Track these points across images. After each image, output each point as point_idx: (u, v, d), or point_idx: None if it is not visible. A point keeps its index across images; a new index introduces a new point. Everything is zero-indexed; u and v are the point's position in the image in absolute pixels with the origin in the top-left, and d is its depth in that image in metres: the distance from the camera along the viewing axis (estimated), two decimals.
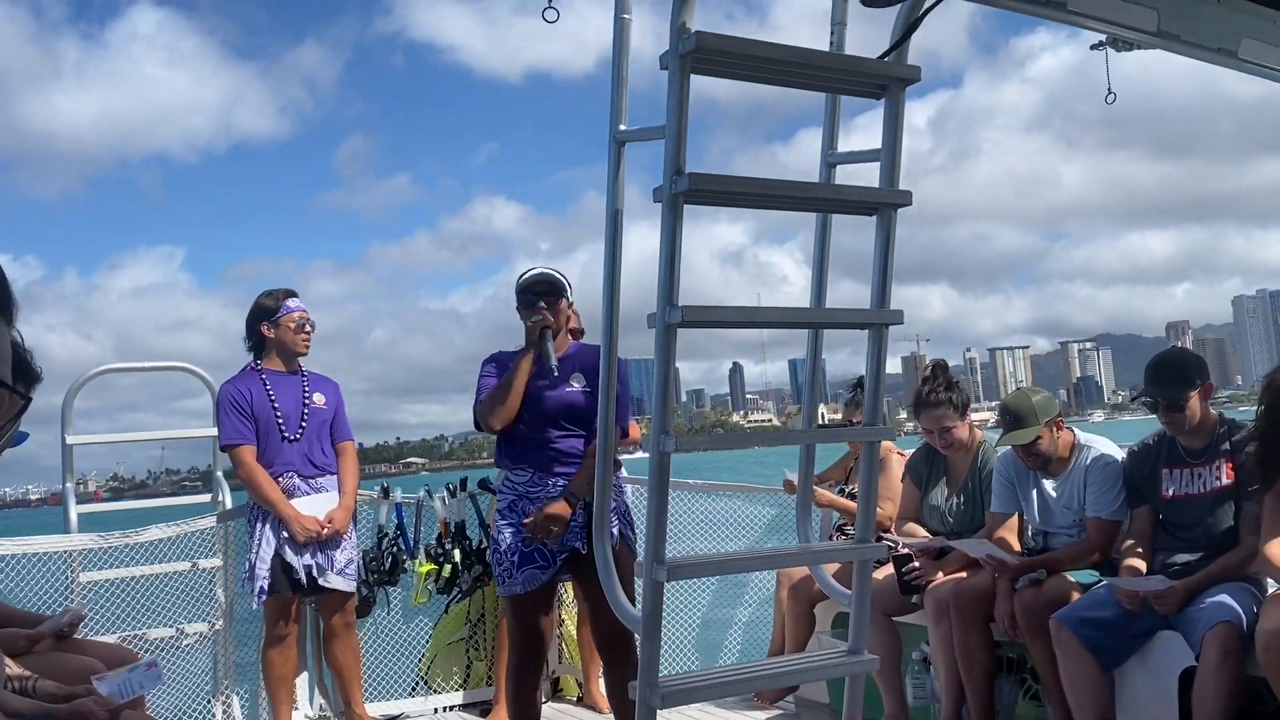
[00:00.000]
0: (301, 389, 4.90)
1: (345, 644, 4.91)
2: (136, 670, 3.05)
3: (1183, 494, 3.95)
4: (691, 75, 2.50)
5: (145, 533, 4.89)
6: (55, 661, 3.30)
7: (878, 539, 3.54)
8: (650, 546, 2.59)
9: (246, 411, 4.75)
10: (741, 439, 3.11)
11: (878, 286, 2.77)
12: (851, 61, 2.80)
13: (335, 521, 4.74)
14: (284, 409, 4.81)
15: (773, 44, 2.56)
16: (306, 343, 4.92)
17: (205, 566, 5.13)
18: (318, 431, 4.88)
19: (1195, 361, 4.04)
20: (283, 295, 4.91)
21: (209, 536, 5.13)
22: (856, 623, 2.89)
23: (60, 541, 4.80)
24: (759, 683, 3.33)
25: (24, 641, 3.39)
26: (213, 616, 5.15)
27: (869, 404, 2.95)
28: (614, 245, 2.84)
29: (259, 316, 4.90)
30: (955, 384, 4.66)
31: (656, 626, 2.59)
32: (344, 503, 4.84)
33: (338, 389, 5.06)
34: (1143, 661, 3.82)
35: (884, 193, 2.76)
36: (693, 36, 2.43)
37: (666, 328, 2.51)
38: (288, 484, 4.77)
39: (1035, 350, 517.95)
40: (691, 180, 2.47)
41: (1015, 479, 4.38)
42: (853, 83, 2.82)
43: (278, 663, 4.75)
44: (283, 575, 4.67)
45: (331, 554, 4.76)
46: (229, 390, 4.81)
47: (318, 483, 4.85)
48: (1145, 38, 2.80)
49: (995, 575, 4.16)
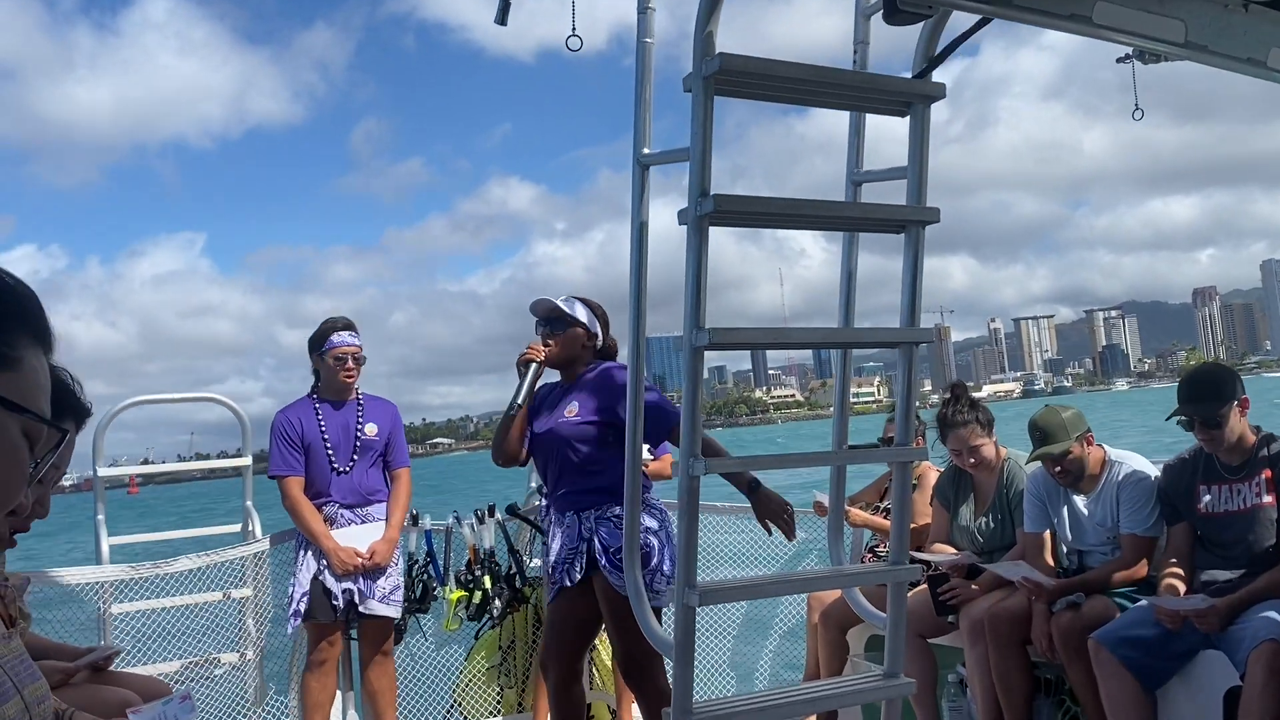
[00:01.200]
0: (355, 418, 4.91)
1: (381, 671, 4.91)
2: (171, 703, 3.05)
3: (1222, 510, 3.89)
4: (715, 97, 2.50)
5: (175, 563, 4.92)
6: (91, 694, 3.31)
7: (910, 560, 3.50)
8: (681, 571, 2.57)
9: (296, 442, 4.80)
10: (772, 461, 3.09)
11: (907, 305, 2.75)
12: (874, 80, 2.80)
13: (377, 555, 4.76)
14: (334, 439, 4.84)
15: (797, 64, 2.56)
16: (349, 378, 4.89)
17: (236, 596, 5.14)
18: (368, 461, 4.90)
19: (1229, 376, 3.98)
20: (339, 326, 4.90)
21: (239, 567, 5.15)
22: (892, 646, 2.85)
23: (93, 573, 4.83)
24: (794, 709, 3.29)
25: (59, 675, 3.40)
26: (243, 646, 5.16)
27: (900, 424, 2.93)
28: (639, 269, 2.84)
29: (311, 346, 4.95)
30: (977, 403, 4.65)
31: (689, 652, 2.56)
32: (388, 534, 4.85)
33: (395, 414, 5.07)
34: (1185, 682, 3.75)
35: (912, 210, 2.75)
36: (717, 58, 2.43)
37: (694, 350, 2.50)
38: (331, 513, 4.81)
39: (1060, 319, 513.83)
40: (716, 202, 2.46)
41: (1046, 497, 4.33)
42: (877, 101, 2.81)
43: (315, 689, 4.77)
44: (323, 599, 4.71)
45: (374, 582, 4.78)
46: (280, 420, 4.87)
47: (364, 512, 4.88)
48: (1173, 49, 2.77)
49: (1032, 598, 4.10)
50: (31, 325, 1.09)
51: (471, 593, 5.26)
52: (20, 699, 1.30)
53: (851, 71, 2.92)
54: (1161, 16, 2.68)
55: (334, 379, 4.88)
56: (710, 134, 2.50)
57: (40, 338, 1.10)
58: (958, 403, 4.60)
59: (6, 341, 1.05)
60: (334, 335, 4.87)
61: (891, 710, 2.94)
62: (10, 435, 1.04)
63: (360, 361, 4.93)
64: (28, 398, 1.05)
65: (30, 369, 1.06)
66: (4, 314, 1.06)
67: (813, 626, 5.17)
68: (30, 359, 1.07)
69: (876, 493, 5.32)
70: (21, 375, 1.05)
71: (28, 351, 1.07)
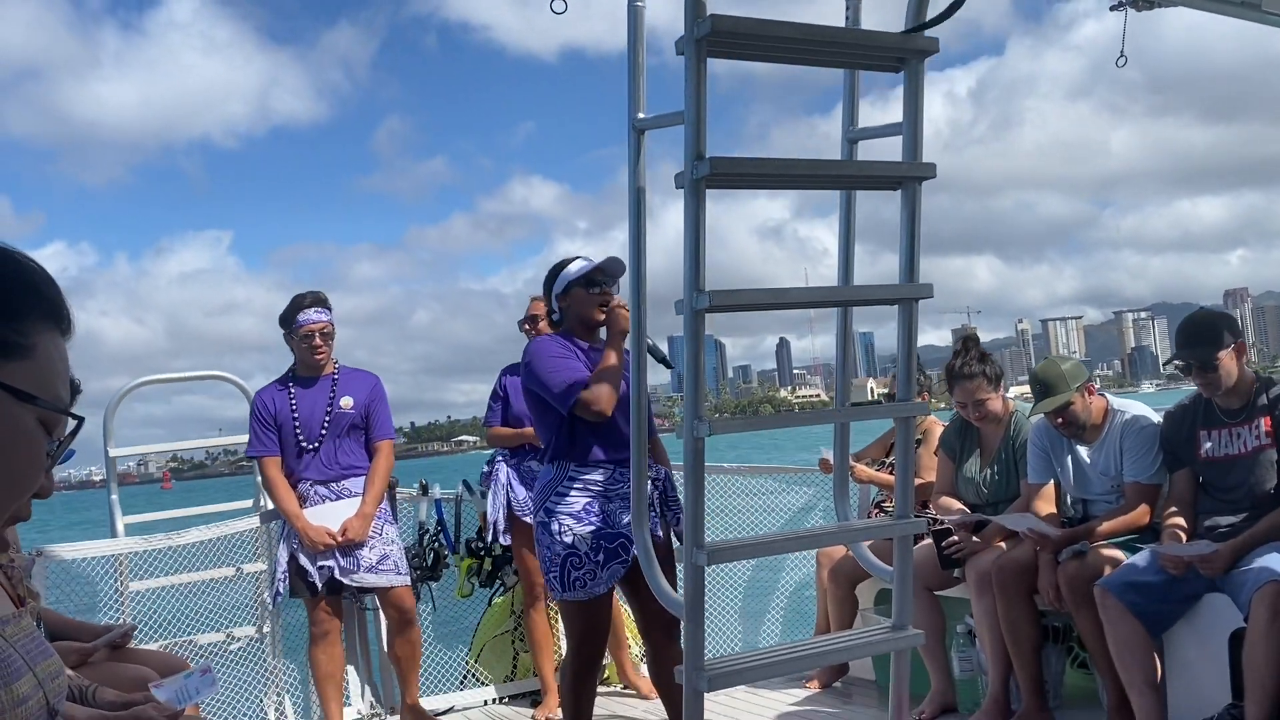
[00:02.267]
0: (328, 394, 4.83)
1: (405, 638, 4.91)
2: (192, 676, 3.10)
3: (1222, 455, 3.91)
4: (709, 59, 2.50)
5: (187, 535, 4.99)
6: (111, 671, 3.37)
7: (916, 514, 3.53)
8: (689, 531, 2.61)
9: (269, 423, 4.79)
10: (775, 420, 3.11)
11: (905, 261, 2.76)
12: (868, 36, 2.79)
13: (350, 530, 4.69)
14: (304, 418, 4.78)
15: (788, 23, 2.56)
16: (319, 355, 4.81)
17: (250, 571, 5.21)
18: (341, 436, 4.83)
19: (1225, 320, 3.99)
20: (306, 303, 4.81)
21: (252, 541, 5.21)
22: (899, 598, 2.89)
23: (107, 546, 4.90)
24: (804, 662, 3.34)
25: (77, 654, 3.46)
26: (259, 620, 5.23)
27: (901, 379, 2.95)
28: (638, 233, 2.85)
29: (281, 324, 4.88)
30: (987, 356, 4.65)
31: (699, 611, 2.60)
32: (362, 510, 4.74)
33: (375, 385, 4.95)
34: (1190, 625, 3.80)
35: (907, 166, 2.75)
36: (707, 20, 2.43)
37: (694, 313, 2.52)
38: (304, 490, 4.78)
39: (1088, 320, 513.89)
40: (712, 165, 2.47)
41: (1050, 448, 4.35)
42: (870, 58, 2.81)
43: (323, 661, 4.81)
44: (298, 579, 4.73)
45: (357, 555, 4.73)
46: (256, 401, 4.87)
47: (339, 487, 4.80)
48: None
49: (1037, 548, 4.14)
50: (47, 308, 1.07)
51: (483, 560, 5.32)
52: (33, 675, 1.33)
53: (844, 29, 2.91)
54: None
55: (305, 357, 4.81)
56: (704, 96, 2.50)
57: (55, 319, 1.08)
58: (967, 354, 4.62)
59: (18, 329, 1.03)
60: (300, 314, 4.78)
61: (901, 661, 2.98)
62: (26, 425, 1.03)
63: (329, 336, 4.82)
64: (43, 385, 1.04)
65: (45, 355, 1.05)
66: (15, 298, 1.05)
67: (822, 582, 5.22)
68: (45, 344, 1.06)
69: (882, 449, 5.36)
70: (36, 363, 1.04)
71: (42, 337, 1.06)
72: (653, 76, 2.86)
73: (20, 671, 1.30)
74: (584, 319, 3.83)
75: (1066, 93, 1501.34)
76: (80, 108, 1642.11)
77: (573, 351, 3.78)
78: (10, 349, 1.02)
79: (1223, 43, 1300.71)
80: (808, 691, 5.09)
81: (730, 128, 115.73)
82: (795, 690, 5.11)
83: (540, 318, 4.97)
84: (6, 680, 1.27)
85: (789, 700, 4.99)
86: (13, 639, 1.35)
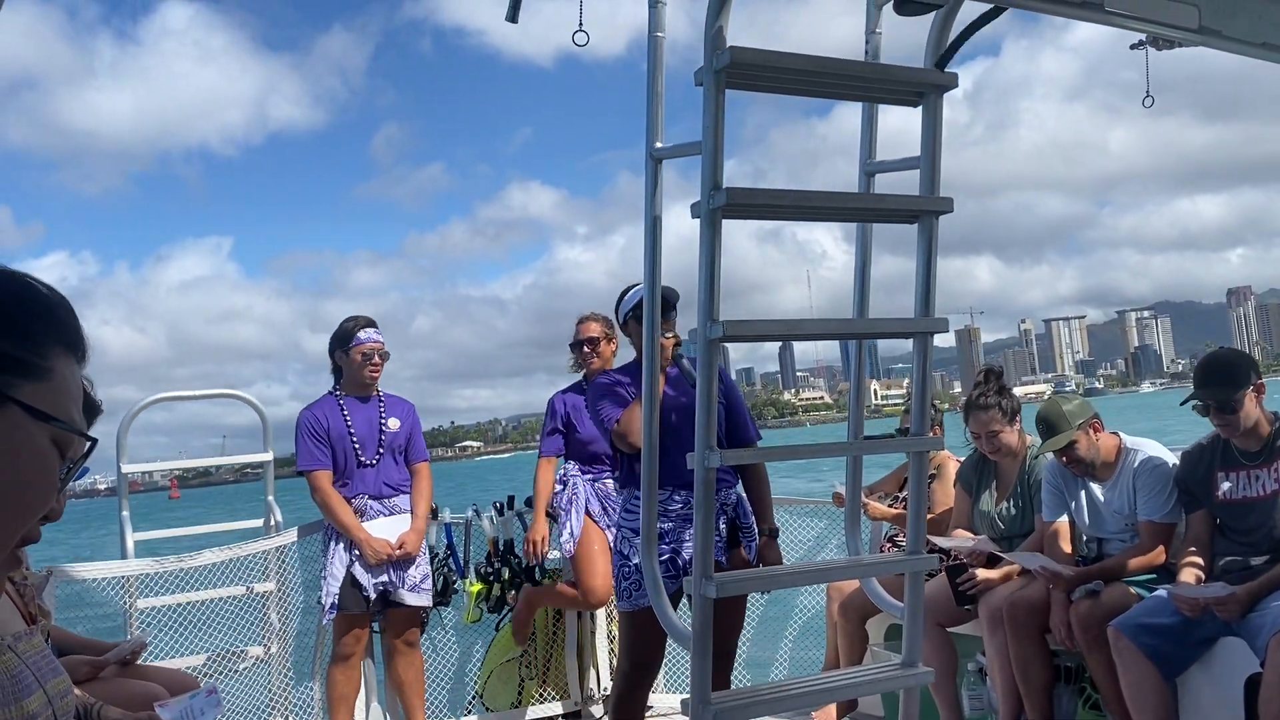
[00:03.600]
0: (378, 413, 5.01)
1: (408, 662, 4.97)
2: (198, 696, 3.09)
3: (1240, 497, 3.87)
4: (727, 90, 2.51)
5: (200, 557, 4.98)
6: (118, 688, 3.37)
7: (928, 550, 3.50)
8: (698, 561, 2.59)
9: (323, 438, 4.89)
10: (784, 451, 3.10)
11: (921, 294, 2.76)
12: (886, 70, 2.80)
13: (407, 544, 4.85)
14: (360, 434, 4.94)
15: (806, 56, 2.57)
16: (374, 374, 4.99)
17: (259, 590, 5.20)
18: (393, 455, 5.00)
19: (1245, 361, 3.97)
20: (361, 324, 5.00)
21: (263, 560, 5.20)
22: (910, 635, 2.86)
23: (118, 567, 4.90)
24: (813, 698, 3.31)
25: (87, 669, 3.46)
26: (267, 640, 5.22)
27: (916, 413, 2.93)
28: (654, 262, 2.85)
29: (335, 343, 5.03)
30: (1006, 390, 4.64)
31: (707, 643, 2.58)
32: (415, 525, 4.94)
33: (413, 410, 5.16)
34: (1205, 669, 3.74)
35: (925, 200, 2.75)
36: (727, 52, 2.44)
37: (709, 342, 2.51)
38: (360, 505, 4.89)
39: (1090, 320, 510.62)
40: (729, 195, 2.47)
41: (1063, 486, 4.33)
42: (889, 92, 2.81)
43: (340, 681, 4.83)
44: (353, 591, 4.79)
45: (404, 572, 4.87)
46: (307, 417, 4.95)
47: (391, 503, 4.96)
48: (1186, 35, 2.76)
49: (1050, 586, 4.10)
50: (64, 335, 1.10)
51: (491, 585, 5.30)
52: (43, 693, 1.33)
53: (863, 62, 2.92)
54: (1174, 2, 2.67)
55: (359, 375, 4.96)
56: (722, 127, 2.51)
57: (72, 347, 1.11)
58: (986, 385, 4.62)
59: (38, 352, 1.06)
60: (360, 332, 4.97)
61: (910, 699, 2.95)
62: (39, 443, 1.05)
63: (385, 358, 5.03)
64: (58, 406, 1.07)
65: (61, 378, 1.08)
66: (37, 325, 1.08)
67: (832, 617, 5.18)
68: (61, 368, 1.09)
69: (895, 483, 5.33)
70: (52, 385, 1.07)
71: (59, 361, 1.09)
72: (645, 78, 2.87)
73: (31, 689, 1.31)
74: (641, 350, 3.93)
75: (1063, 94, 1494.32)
76: (77, 117, 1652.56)
77: (625, 384, 3.94)
78: (30, 370, 1.05)
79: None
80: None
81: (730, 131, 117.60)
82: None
83: (600, 339, 5.10)
84: (17, 696, 1.28)
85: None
86: (24, 655, 1.36)
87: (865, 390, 3.25)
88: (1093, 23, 2.64)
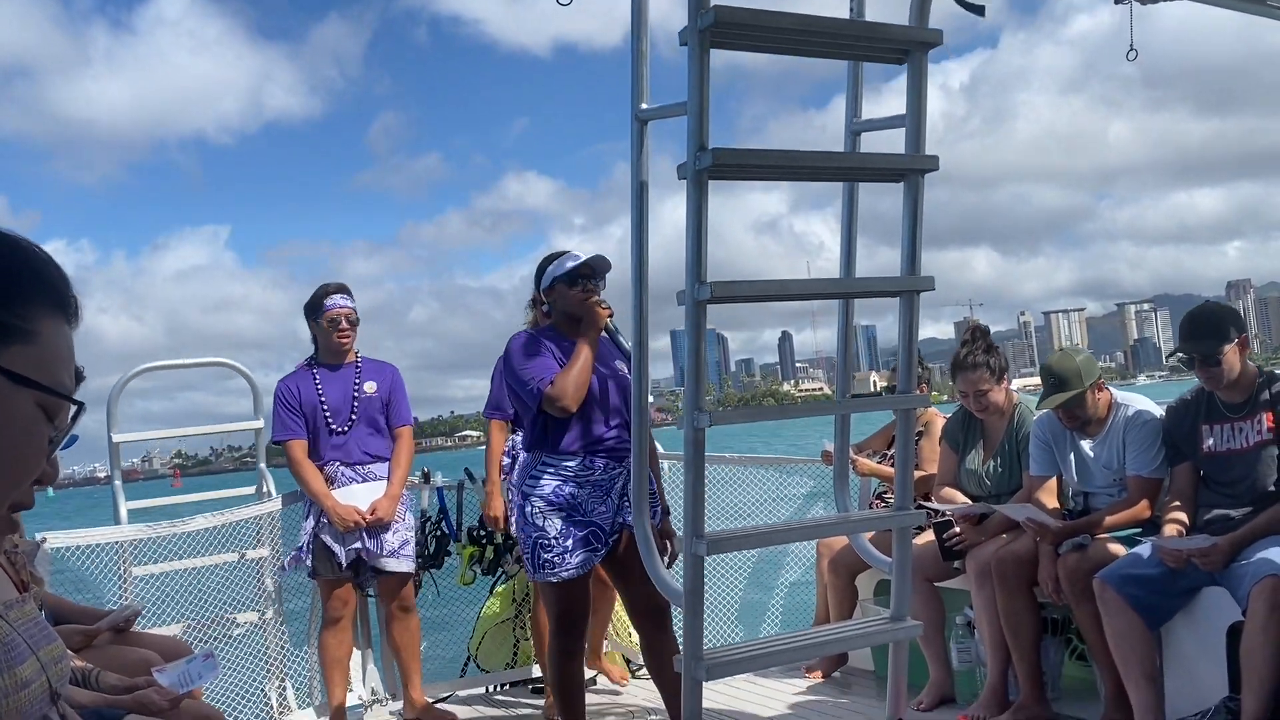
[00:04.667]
0: (353, 380, 4.98)
1: (404, 626, 4.99)
2: (195, 661, 3.13)
3: (1224, 449, 3.92)
4: (712, 50, 2.50)
5: (192, 522, 5.01)
6: (114, 655, 3.39)
7: (917, 506, 3.54)
8: (689, 521, 2.62)
9: (295, 407, 4.90)
10: (776, 411, 3.12)
11: (907, 253, 2.77)
12: (872, 28, 2.79)
13: (379, 510, 4.81)
14: (331, 402, 4.92)
15: (792, 14, 2.56)
16: (344, 339, 4.95)
17: (252, 557, 5.22)
18: (369, 420, 4.96)
19: (1229, 314, 3.99)
20: (331, 290, 4.98)
21: (255, 526, 5.22)
22: (898, 590, 2.91)
23: (111, 533, 4.91)
24: (802, 652, 3.35)
25: (81, 638, 3.48)
26: (261, 605, 5.25)
27: (902, 371, 2.95)
28: (640, 225, 2.85)
29: (307, 312, 5.03)
30: (994, 348, 4.65)
31: (699, 601, 2.62)
32: (390, 491, 4.90)
33: (394, 373, 5.11)
34: (1189, 618, 3.80)
35: (910, 158, 2.75)
36: (711, 11, 2.42)
37: (696, 304, 2.52)
38: (331, 472, 4.88)
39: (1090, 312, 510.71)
40: (715, 156, 2.47)
41: (1053, 441, 4.35)
42: (874, 49, 2.81)
43: (332, 645, 4.86)
44: (324, 557, 4.80)
45: (382, 537, 4.84)
46: (280, 387, 4.97)
47: (366, 469, 4.93)
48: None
49: (1037, 539, 4.14)
50: (51, 294, 1.07)
51: (484, 548, 5.33)
52: (36, 659, 1.34)
53: (848, 20, 2.90)
54: None
55: (329, 341, 4.96)
56: (708, 87, 2.50)
57: (62, 306, 1.08)
58: (974, 344, 4.62)
59: (21, 314, 1.03)
60: (327, 299, 4.94)
61: (899, 652, 2.99)
62: (24, 410, 1.03)
63: (354, 323, 4.99)
64: (44, 370, 1.04)
65: (48, 341, 1.05)
66: (20, 284, 1.04)
67: (822, 573, 5.24)
68: (48, 330, 1.05)
69: (884, 440, 5.37)
70: (39, 347, 1.04)
71: (46, 323, 1.05)
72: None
73: (23, 655, 1.32)
74: (568, 315, 3.92)
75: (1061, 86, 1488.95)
76: (72, 106, 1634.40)
77: (550, 347, 3.87)
78: (11, 332, 1.02)
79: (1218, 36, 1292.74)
80: (808, 680, 5.11)
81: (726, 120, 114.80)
82: (795, 679, 5.12)
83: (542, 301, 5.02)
84: (10, 664, 1.28)
85: (788, 689, 5.00)
86: (16, 623, 1.36)
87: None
88: None
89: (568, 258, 3.94)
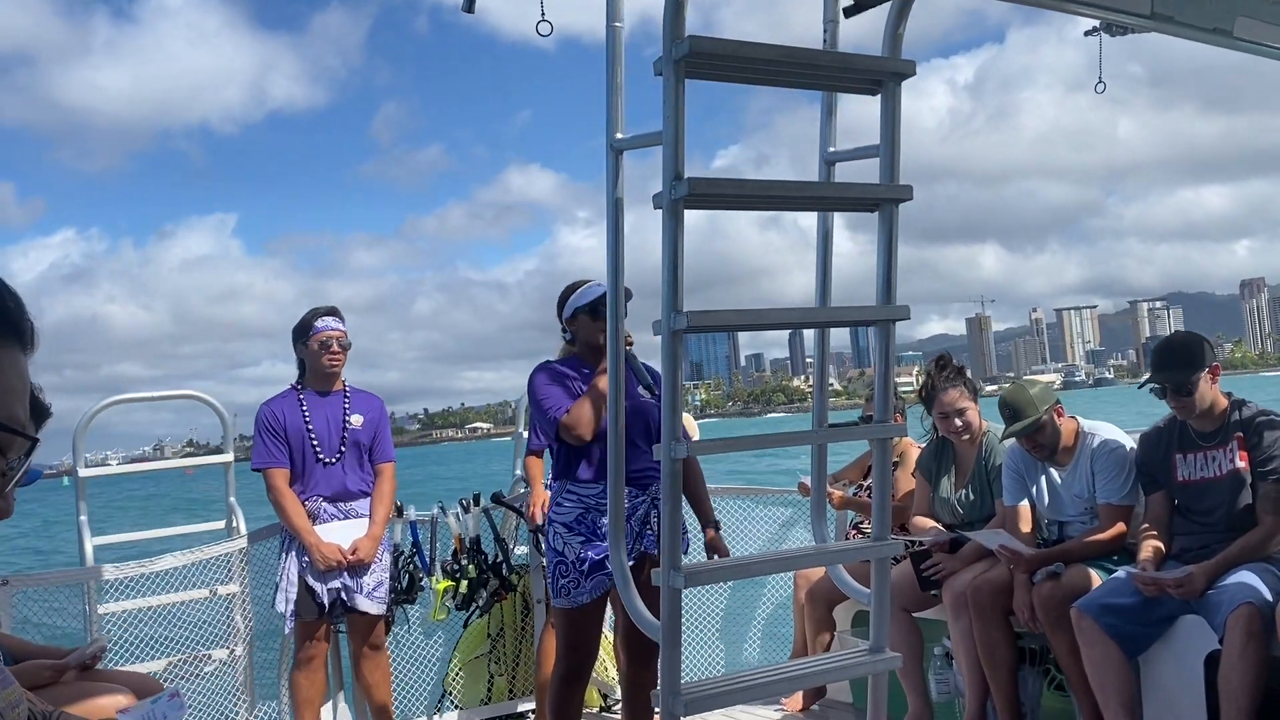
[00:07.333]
0: (341, 409, 4.81)
1: (375, 665, 4.86)
2: (160, 700, 3.05)
3: (1198, 478, 3.94)
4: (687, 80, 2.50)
5: (159, 562, 4.89)
6: (80, 691, 3.31)
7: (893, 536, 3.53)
8: (665, 553, 2.59)
9: (279, 434, 4.71)
10: (753, 441, 3.11)
11: (883, 282, 2.77)
12: (845, 59, 2.80)
13: (360, 550, 4.68)
14: (319, 431, 4.74)
15: (766, 45, 2.57)
16: (334, 362, 4.78)
17: (223, 593, 5.12)
18: (355, 455, 4.81)
19: (1201, 344, 4.03)
20: (322, 313, 4.81)
21: (225, 563, 5.13)
22: (877, 621, 2.88)
23: (76, 575, 4.81)
24: (781, 686, 3.32)
25: (49, 673, 3.40)
26: (232, 642, 5.15)
27: (879, 400, 2.95)
28: (616, 253, 2.84)
29: (295, 335, 4.85)
30: (964, 371, 4.73)
31: (676, 634, 2.58)
32: (371, 531, 4.76)
33: (381, 406, 4.96)
34: (1167, 647, 3.80)
35: (885, 188, 2.76)
36: (686, 41, 2.43)
37: (672, 334, 2.51)
38: (314, 508, 4.72)
39: (1101, 309, 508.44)
40: (691, 185, 2.47)
41: (1023, 470, 4.38)
42: (848, 80, 2.82)
43: (304, 685, 4.73)
44: (307, 598, 4.66)
45: (360, 578, 4.71)
46: (264, 412, 4.77)
47: (347, 507, 4.78)
48: (1139, 21, 2.79)
49: (1011, 568, 4.14)
50: (6, 324, 1.04)
51: (458, 582, 5.27)
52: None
53: (822, 51, 2.92)
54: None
55: (318, 365, 4.77)
56: (683, 117, 2.50)
57: (15, 335, 1.04)
58: (943, 370, 4.68)
59: None
60: (318, 321, 4.77)
61: (878, 684, 2.97)
62: None
63: (345, 347, 4.82)
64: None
65: (1, 372, 1.02)
66: None
67: (799, 604, 5.21)
68: (3, 360, 1.02)
69: (859, 470, 5.36)
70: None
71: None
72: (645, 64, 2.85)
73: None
74: (589, 345, 3.96)
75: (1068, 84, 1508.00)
76: (75, 95, 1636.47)
77: (571, 377, 3.91)
78: None
79: None
80: (785, 713, 5.06)
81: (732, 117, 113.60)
82: (773, 712, 5.08)
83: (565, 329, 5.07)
84: None
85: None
86: None
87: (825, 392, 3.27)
88: (1048, 9, 2.66)
89: (590, 288, 3.95)
